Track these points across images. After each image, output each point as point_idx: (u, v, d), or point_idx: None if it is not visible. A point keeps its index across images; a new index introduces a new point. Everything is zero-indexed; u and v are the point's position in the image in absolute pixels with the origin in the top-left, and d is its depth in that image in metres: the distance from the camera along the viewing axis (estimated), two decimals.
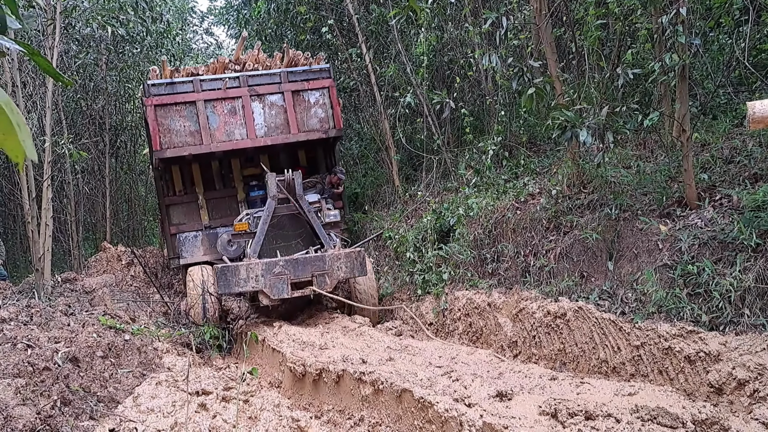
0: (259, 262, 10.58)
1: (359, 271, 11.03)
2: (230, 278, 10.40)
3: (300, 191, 11.66)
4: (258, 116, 12.61)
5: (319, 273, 10.73)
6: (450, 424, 5.12)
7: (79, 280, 14.37)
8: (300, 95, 12.86)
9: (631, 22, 9.55)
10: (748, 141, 8.38)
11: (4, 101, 1.47)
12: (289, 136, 12.72)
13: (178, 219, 13.50)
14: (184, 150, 12.17)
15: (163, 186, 13.73)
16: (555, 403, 4.93)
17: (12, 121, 1.46)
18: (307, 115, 12.87)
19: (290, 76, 12.82)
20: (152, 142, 12.20)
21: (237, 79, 12.55)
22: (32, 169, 12.19)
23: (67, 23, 16.96)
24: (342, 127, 13.36)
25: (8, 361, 5.82)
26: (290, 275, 10.60)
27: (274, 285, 10.51)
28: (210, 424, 5.30)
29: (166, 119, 12.10)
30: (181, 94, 12.22)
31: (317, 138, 12.95)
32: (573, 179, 9.69)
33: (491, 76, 13.49)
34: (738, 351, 5.85)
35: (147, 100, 12.09)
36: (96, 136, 22.35)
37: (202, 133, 12.19)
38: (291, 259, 10.74)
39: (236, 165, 13.86)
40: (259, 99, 12.64)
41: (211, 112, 12.32)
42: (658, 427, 4.47)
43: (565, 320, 7.69)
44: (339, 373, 7.17)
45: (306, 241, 12.00)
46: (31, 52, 2.28)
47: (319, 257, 10.83)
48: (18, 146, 1.49)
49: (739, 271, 6.53)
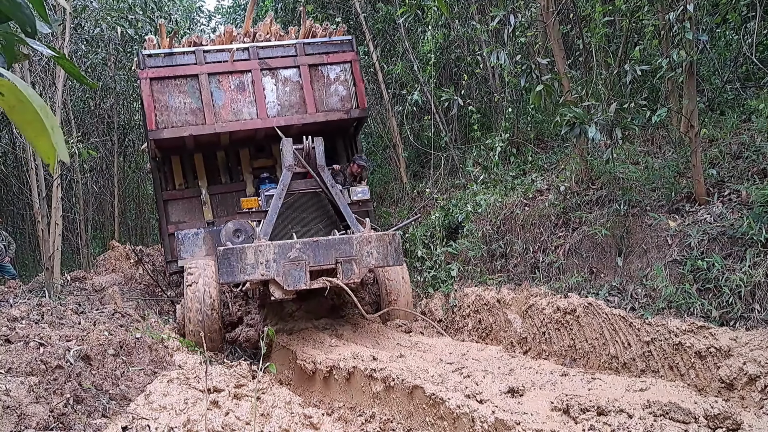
0: (271, 244, 8.68)
1: (394, 259, 9.07)
2: (234, 263, 8.52)
3: (322, 162, 9.74)
4: (270, 93, 10.97)
5: (344, 259, 8.77)
6: (462, 421, 5.14)
7: (88, 278, 14.45)
8: (318, 70, 11.22)
9: (638, 18, 9.56)
10: (756, 136, 8.38)
11: (40, 105, 1.52)
12: (306, 116, 11.00)
13: (178, 216, 11.81)
14: (184, 130, 10.57)
15: (161, 179, 12.04)
16: (567, 399, 4.95)
17: (46, 124, 1.51)
18: (326, 93, 11.23)
19: (307, 48, 11.20)
20: (147, 121, 10.63)
21: (246, 50, 10.98)
22: (42, 169, 12.23)
23: (77, 23, 17.01)
24: (366, 107, 11.64)
25: (21, 360, 5.86)
26: (309, 261, 8.67)
27: (289, 273, 8.59)
28: (222, 421, 5.33)
29: (164, 95, 10.55)
30: (182, 67, 10.66)
31: (338, 119, 11.20)
32: (581, 175, 9.72)
33: (499, 73, 13.52)
34: (749, 346, 5.85)
35: (141, 73, 10.55)
36: (104, 135, 22.46)
37: (205, 111, 10.62)
38: (310, 242, 8.77)
39: (245, 155, 12.27)
40: (272, 73, 11.02)
41: (216, 88, 10.76)
42: (671, 422, 4.48)
43: (575, 316, 7.70)
44: (350, 370, 7.20)
45: (328, 225, 10.28)
46: (58, 56, 2.33)
47: (344, 240, 8.88)
48: (50, 147, 1.54)
49: (749, 266, 6.55)
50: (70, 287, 13.00)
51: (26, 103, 1.53)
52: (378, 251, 8.92)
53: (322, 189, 9.84)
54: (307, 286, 8.68)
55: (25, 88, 1.53)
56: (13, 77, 1.59)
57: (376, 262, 8.95)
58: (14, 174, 22.08)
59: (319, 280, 8.77)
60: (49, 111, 1.57)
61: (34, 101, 1.53)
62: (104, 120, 22.56)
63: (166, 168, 12.04)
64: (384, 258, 8.96)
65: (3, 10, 2.10)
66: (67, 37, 13.06)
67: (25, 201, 20.95)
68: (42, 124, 1.52)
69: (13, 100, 1.54)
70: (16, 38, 2.31)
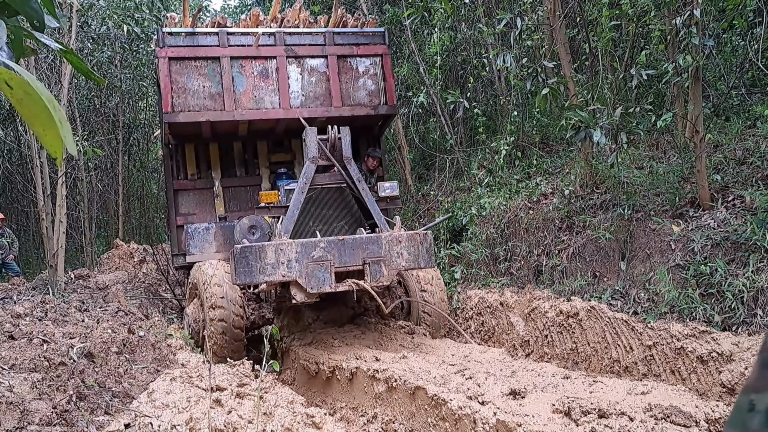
0: (293, 243, 7.93)
1: (425, 261, 8.35)
2: (253, 263, 7.74)
3: (348, 154, 8.97)
4: (294, 82, 10.30)
5: (373, 259, 8.09)
6: (464, 422, 5.14)
7: (92, 276, 14.47)
8: (347, 61, 10.58)
9: (644, 23, 9.56)
10: (761, 142, 8.39)
11: (47, 98, 1.53)
12: (331, 110, 10.32)
13: (188, 208, 11.06)
14: (201, 115, 9.86)
15: (172, 167, 11.29)
16: (568, 402, 4.95)
17: (54, 117, 1.51)
18: (354, 86, 10.55)
19: (337, 38, 10.56)
20: (163, 103, 9.98)
21: (272, 36, 10.28)
22: (47, 166, 12.25)
23: (83, 21, 17.05)
24: (396, 104, 10.94)
25: (24, 356, 5.87)
26: (334, 261, 7.98)
27: (313, 274, 7.87)
28: (225, 420, 5.33)
29: (182, 76, 9.88)
30: (204, 48, 9.99)
31: (364, 114, 10.51)
32: (586, 179, 9.72)
33: (505, 76, 13.52)
34: (751, 351, 5.86)
35: (161, 51, 9.88)
36: (109, 134, 22.51)
37: (225, 97, 9.96)
38: (335, 241, 8.06)
39: (263, 148, 11.56)
40: (297, 62, 10.35)
41: (238, 73, 10.09)
42: (672, 426, 4.49)
43: (578, 320, 7.70)
44: (352, 370, 7.21)
45: (351, 224, 9.57)
46: (66, 50, 2.34)
47: (372, 239, 8.22)
48: (57, 141, 1.55)
49: (752, 271, 6.55)
50: (74, 285, 13.03)
51: (34, 96, 1.53)
52: (409, 252, 8.29)
53: (347, 183, 9.02)
54: (332, 288, 7.95)
55: (32, 81, 1.53)
56: (21, 70, 1.60)
57: (407, 264, 8.29)
58: (19, 171, 22.16)
59: (345, 283, 8.02)
60: (57, 104, 1.57)
61: (42, 94, 1.53)
62: (109, 118, 22.62)
63: (178, 156, 11.34)
64: (415, 259, 8.30)
65: (11, 3, 2.12)
66: (74, 34, 13.09)
67: (29, 198, 21.03)
68: (50, 118, 1.53)
69: (20, 93, 1.54)
70: (24, 32, 2.32)
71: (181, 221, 10.81)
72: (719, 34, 9.84)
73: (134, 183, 25.91)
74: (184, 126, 10.06)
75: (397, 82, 15.73)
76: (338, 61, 10.42)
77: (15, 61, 2.27)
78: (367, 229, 9.08)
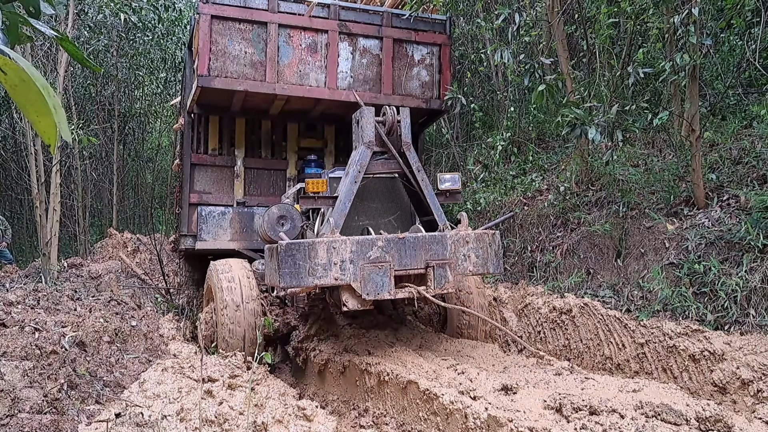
0: (348, 240, 6.55)
1: (494, 265, 7.08)
2: (301, 263, 6.39)
3: (408, 139, 7.57)
4: (344, 62, 9.59)
5: (437, 262, 6.77)
6: (455, 416, 5.14)
7: (85, 265, 14.47)
8: (403, 47, 9.86)
9: (642, 21, 9.55)
10: (757, 142, 8.39)
11: (42, 84, 1.52)
12: (379, 96, 9.54)
13: (204, 185, 10.26)
14: (238, 83, 9.10)
15: (192, 138, 10.45)
16: (559, 398, 4.95)
17: (49, 103, 1.50)
18: (407, 75, 9.88)
19: (395, 21, 9.82)
20: (199, 65, 9.13)
21: (327, 7, 9.49)
22: (41, 154, 12.22)
23: (80, 9, 16.99)
24: (444, 101, 10.09)
25: (16, 344, 5.87)
26: (393, 263, 6.64)
27: (369, 277, 6.53)
28: (216, 411, 5.32)
29: (224, 37, 9.06)
30: (251, 10, 9.14)
31: (414, 106, 9.65)
32: (581, 176, 9.72)
33: (502, 71, 13.50)
34: (742, 351, 5.87)
35: (203, 7, 8.98)
36: (105, 123, 22.44)
37: (267, 67, 9.18)
38: (395, 239, 6.71)
39: (293, 131, 10.84)
40: (350, 40, 9.62)
41: (285, 43, 9.31)
42: (662, 424, 4.49)
43: (571, 316, 7.71)
44: (344, 363, 7.20)
45: (401, 219, 8.23)
46: (62, 37, 2.33)
47: (437, 238, 6.87)
48: (52, 128, 1.54)
49: (746, 271, 6.56)
50: (67, 273, 13.01)
51: (29, 83, 1.52)
52: (476, 254, 6.99)
53: (403, 173, 7.67)
54: (392, 295, 6.64)
55: (28, 67, 1.53)
56: (16, 56, 1.59)
57: (474, 268, 7.00)
58: (13, 159, 22.11)
59: (406, 289, 6.73)
60: (52, 91, 1.56)
61: (36, 81, 1.52)
62: (105, 107, 22.54)
63: (200, 127, 10.59)
64: (483, 263, 7.02)
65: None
66: (71, 21, 13.05)
67: (23, 186, 20.94)
68: (44, 104, 1.52)
69: (15, 80, 1.53)
70: (20, 19, 2.31)
71: (195, 199, 10.08)
72: (717, 33, 9.82)
73: (129, 172, 25.86)
74: (217, 93, 9.42)
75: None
76: (394, 45, 9.81)
77: (11, 47, 2.25)
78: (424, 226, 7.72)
